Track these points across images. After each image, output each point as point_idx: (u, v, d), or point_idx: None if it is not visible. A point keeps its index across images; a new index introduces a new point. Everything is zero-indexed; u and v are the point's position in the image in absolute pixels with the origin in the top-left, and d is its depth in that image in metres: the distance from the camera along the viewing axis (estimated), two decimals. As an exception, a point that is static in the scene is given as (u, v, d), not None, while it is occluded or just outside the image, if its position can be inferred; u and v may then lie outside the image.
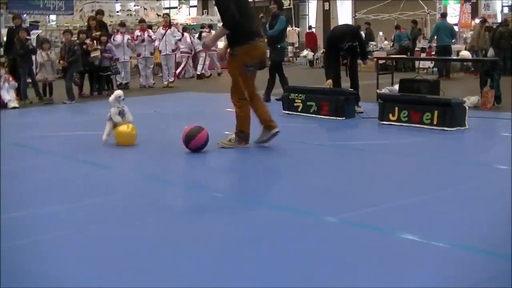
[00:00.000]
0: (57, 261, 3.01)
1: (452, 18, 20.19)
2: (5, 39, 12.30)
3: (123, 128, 5.99)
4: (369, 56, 11.54)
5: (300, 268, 2.84)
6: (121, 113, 5.99)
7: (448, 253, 3.03)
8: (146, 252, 3.10)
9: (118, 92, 6.07)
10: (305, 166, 5.14)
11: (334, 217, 3.63)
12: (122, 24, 14.44)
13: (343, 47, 8.19)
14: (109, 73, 12.47)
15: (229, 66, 5.82)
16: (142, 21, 15.08)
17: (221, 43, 22.38)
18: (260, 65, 5.86)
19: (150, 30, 14.37)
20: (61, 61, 11.02)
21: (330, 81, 8.40)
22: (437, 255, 2.98)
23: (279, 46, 10.13)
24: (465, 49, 15.07)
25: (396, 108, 7.15)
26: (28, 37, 11.37)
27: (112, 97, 6.03)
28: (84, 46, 11.65)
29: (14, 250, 3.15)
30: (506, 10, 22.02)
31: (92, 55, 11.86)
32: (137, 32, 14.19)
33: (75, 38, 11.95)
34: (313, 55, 21.37)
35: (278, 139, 5.83)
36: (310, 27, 25.06)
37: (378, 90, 8.98)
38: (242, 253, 3.07)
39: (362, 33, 13.12)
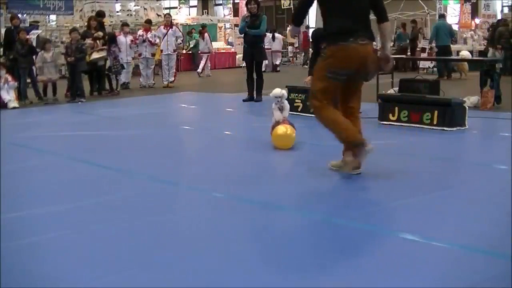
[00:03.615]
0: (57, 261, 3.01)
1: (452, 18, 20.19)
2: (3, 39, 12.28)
3: (281, 130, 5.87)
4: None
5: (300, 268, 2.84)
6: (281, 109, 6.02)
7: (448, 253, 3.03)
8: (146, 252, 3.09)
9: (278, 92, 6.00)
10: (305, 166, 5.14)
11: (333, 217, 3.63)
12: (125, 24, 14.43)
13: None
14: (109, 72, 12.45)
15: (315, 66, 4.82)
16: (148, 21, 15.02)
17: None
18: (357, 73, 4.56)
19: (153, 31, 14.36)
20: (68, 58, 10.95)
21: (309, 77, 8.52)
22: (437, 255, 2.98)
23: (262, 45, 10.30)
24: None
25: (396, 108, 7.16)
26: (27, 37, 11.36)
27: (271, 95, 6.05)
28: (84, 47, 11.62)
29: (14, 250, 3.16)
30: (506, 10, 22.02)
31: (97, 56, 11.80)
32: (140, 32, 14.20)
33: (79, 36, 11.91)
34: (306, 55, 21.52)
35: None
36: (307, 27, 24.99)
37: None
38: (242, 253, 3.07)
39: None
